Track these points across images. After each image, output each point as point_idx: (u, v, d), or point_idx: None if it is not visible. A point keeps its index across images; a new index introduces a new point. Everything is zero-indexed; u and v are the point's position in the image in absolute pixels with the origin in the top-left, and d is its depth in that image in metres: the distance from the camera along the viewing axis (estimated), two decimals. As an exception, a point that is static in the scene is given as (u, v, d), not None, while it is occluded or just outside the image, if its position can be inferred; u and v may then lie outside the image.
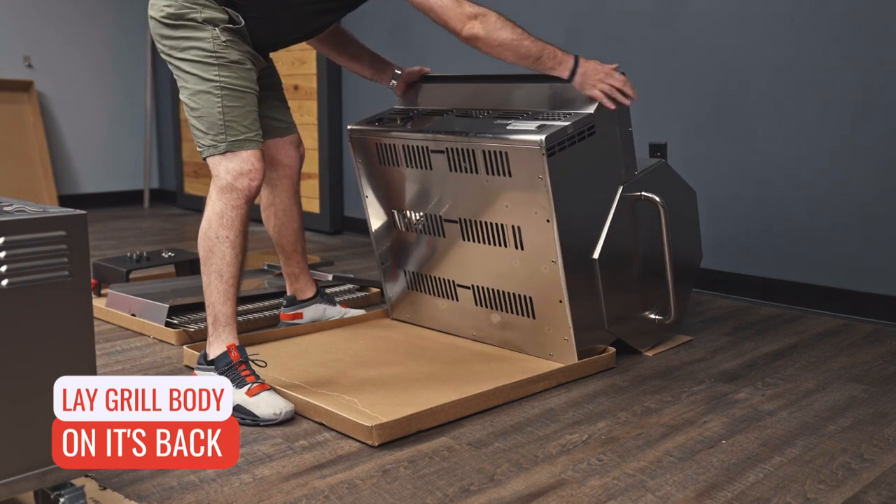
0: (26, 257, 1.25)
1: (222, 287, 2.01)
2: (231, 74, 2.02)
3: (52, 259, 1.28)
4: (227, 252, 2.01)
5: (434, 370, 2.23)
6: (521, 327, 2.32)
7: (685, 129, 3.15)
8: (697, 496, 1.58)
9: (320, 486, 1.61)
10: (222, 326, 2.03)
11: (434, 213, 2.41)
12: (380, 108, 4.07)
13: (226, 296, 2.02)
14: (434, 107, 2.52)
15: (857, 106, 2.76)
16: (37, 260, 1.26)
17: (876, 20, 2.70)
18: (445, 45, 3.94)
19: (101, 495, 1.55)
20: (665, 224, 2.29)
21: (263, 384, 1.97)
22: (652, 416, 1.96)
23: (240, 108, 2.02)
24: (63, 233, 1.29)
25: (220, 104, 2.00)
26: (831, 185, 2.84)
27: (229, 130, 2.00)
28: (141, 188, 5.64)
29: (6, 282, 1.24)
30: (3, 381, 1.25)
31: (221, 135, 2.00)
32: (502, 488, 1.61)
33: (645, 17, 3.21)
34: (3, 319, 1.24)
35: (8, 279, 1.24)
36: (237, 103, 2.02)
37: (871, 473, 1.67)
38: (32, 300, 1.27)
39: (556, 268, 2.16)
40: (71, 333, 1.31)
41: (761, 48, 2.95)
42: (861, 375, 2.24)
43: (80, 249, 1.30)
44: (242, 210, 2.01)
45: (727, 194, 3.07)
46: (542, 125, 2.13)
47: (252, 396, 1.92)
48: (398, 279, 2.62)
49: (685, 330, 2.63)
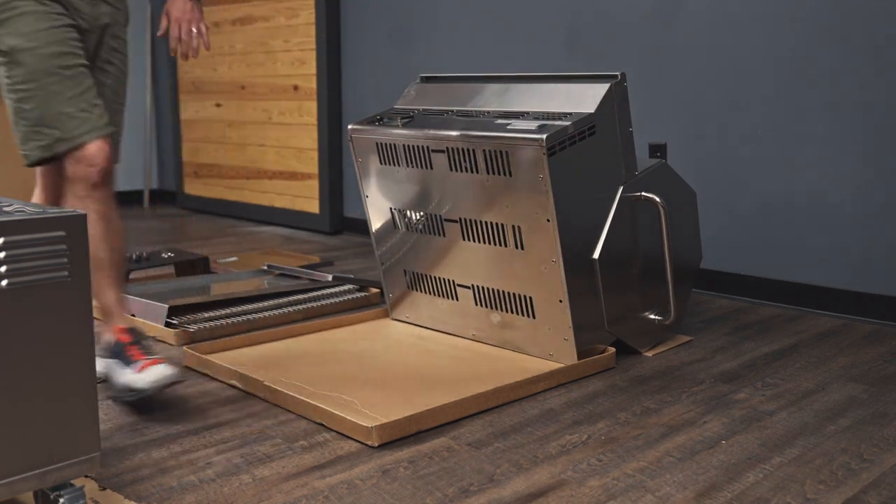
0: (26, 258, 1.25)
1: (96, 278, 1.97)
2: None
3: (52, 259, 1.28)
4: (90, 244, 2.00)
5: (434, 370, 2.23)
6: (521, 327, 2.32)
7: (685, 129, 3.15)
8: (697, 496, 1.58)
9: (320, 487, 1.61)
10: (107, 315, 2.03)
11: (434, 212, 2.41)
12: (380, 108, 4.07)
13: (100, 286, 2.00)
14: (435, 107, 2.52)
15: (857, 105, 2.76)
16: (37, 260, 1.26)
17: (876, 20, 2.69)
18: (445, 46, 3.95)
19: (101, 495, 1.55)
20: (665, 224, 2.30)
21: (156, 359, 1.93)
22: (652, 417, 1.96)
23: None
24: (63, 233, 1.29)
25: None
26: (831, 185, 2.84)
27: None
28: (141, 188, 5.64)
29: (6, 282, 1.23)
30: (3, 381, 1.25)
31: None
32: (502, 488, 1.61)
33: (645, 18, 3.21)
34: (3, 320, 1.24)
35: (7, 279, 1.24)
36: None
37: (871, 473, 1.67)
38: (32, 300, 1.27)
39: (556, 268, 2.16)
40: (71, 333, 1.31)
41: (761, 48, 2.95)
42: (861, 375, 2.24)
43: (80, 250, 1.30)
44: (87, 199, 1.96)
45: (727, 194, 3.07)
46: (542, 125, 2.14)
47: (140, 373, 1.89)
48: (398, 279, 2.62)
49: (685, 330, 2.63)
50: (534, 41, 3.55)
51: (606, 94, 2.20)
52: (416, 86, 2.67)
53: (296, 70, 4.57)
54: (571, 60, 3.43)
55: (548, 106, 2.27)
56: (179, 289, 2.83)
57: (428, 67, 3.95)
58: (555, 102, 2.27)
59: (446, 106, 2.50)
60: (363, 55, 4.30)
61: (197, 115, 5.27)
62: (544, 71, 3.45)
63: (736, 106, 3.03)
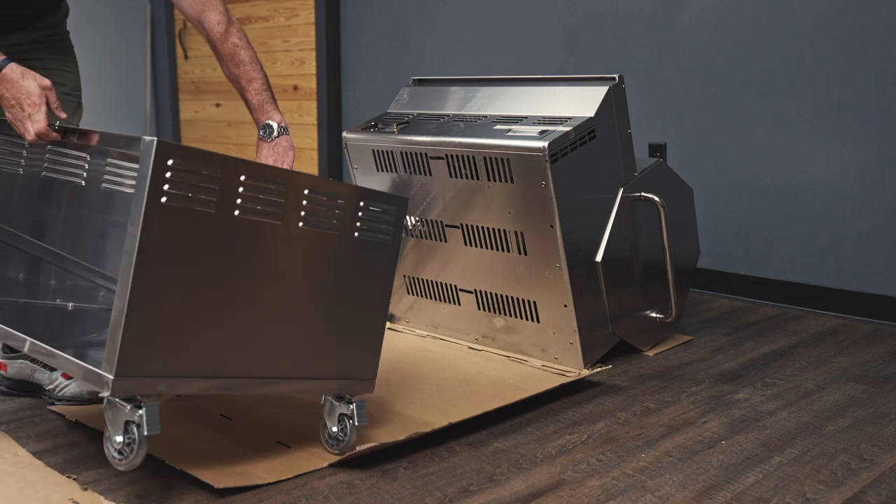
0: (372, 218, 1.64)
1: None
2: None
3: (384, 225, 1.66)
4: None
5: (435, 374, 2.23)
6: (524, 331, 2.32)
7: (685, 129, 3.15)
8: (697, 496, 1.58)
9: (320, 487, 1.61)
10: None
11: (434, 218, 2.41)
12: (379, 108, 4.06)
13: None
14: (430, 111, 2.51)
15: (857, 106, 2.76)
16: (377, 223, 1.65)
17: (877, 20, 2.70)
18: (445, 46, 3.95)
19: (83, 496, 1.55)
20: (665, 224, 2.30)
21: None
22: (652, 416, 1.96)
23: None
24: (394, 208, 1.67)
25: None
26: (831, 184, 2.84)
27: None
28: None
29: (357, 233, 1.61)
30: (333, 305, 1.60)
31: None
32: (502, 488, 1.61)
33: (645, 18, 3.22)
34: (348, 259, 1.61)
35: (358, 232, 1.62)
36: None
37: (871, 473, 1.67)
38: (366, 251, 1.64)
39: (560, 272, 2.16)
40: (379, 282, 1.67)
41: (761, 48, 2.95)
42: (861, 375, 2.24)
43: (398, 223, 1.69)
44: None
45: (727, 194, 3.08)
46: (543, 131, 2.13)
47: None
48: (398, 284, 2.62)
49: (685, 330, 2.63)
50: (534, 41, 3.55)
51: (605, 97, 2.20)
52: (408, 89, 2.65)
53: (295, 70, 4.58)
54: (571, 60, 3.43)
55: (546, 110, 2.26)
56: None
57: (428, 67, 3.95)
58: (553, 106, 2.26)
59: (441, 110, 2.48)
60: (363, 55, 4.30)
61: (197, 115, 5.27)
62: (545, 71, 3.45)
63: (736, 106, 3.03)
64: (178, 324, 1.38)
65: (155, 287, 1.34)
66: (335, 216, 1.57)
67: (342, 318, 1.62)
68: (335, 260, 1.59)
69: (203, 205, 1.37)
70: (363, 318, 1.65)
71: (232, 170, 1.40)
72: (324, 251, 1.56)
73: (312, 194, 1.52)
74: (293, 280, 1.52)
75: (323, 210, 1.54)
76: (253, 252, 1.46)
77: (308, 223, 1.53)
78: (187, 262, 1.37)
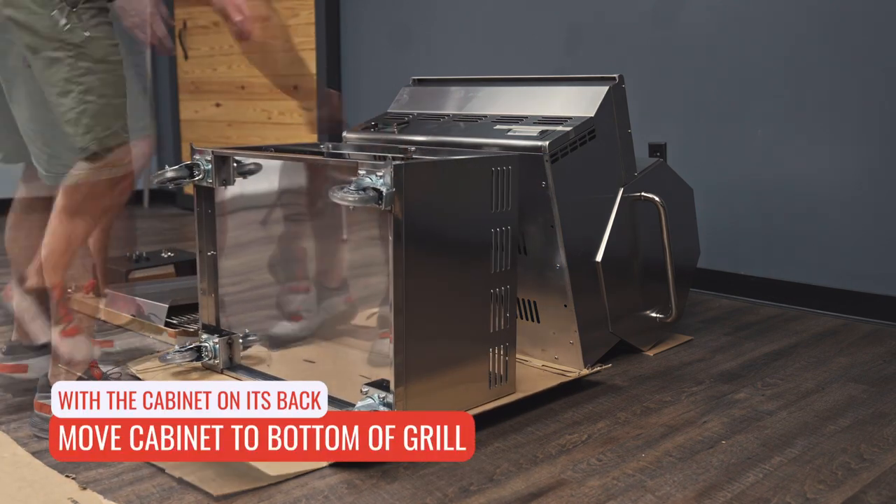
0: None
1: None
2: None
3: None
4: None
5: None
6: (525, 331, 2.31)
7: (685, 129, 3.15)
8: (697, 496, 1.58)
9: (320, 487, 1.61)
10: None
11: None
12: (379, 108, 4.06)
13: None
14: (429, 111, 2.50)
15: (857, 106, 2.76)
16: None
17: (876, 20, 2.70)
18: (445, 46, 3.95)
19: (82, 495, 1.55)
20: (665, 224, 2.30)
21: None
22: (652, 416, 1.96)
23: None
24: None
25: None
26: (831, 184, 2.84)
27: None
28: (141, 188, 5.64)
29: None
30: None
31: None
32: (502, 488, 1.61)
33: (645, 18, 3.21)
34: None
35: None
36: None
37: (871, 473, 1.67)
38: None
39: (560, 273, 2.16)
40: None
41: (761, 48, 2.95)
42: (861, 375, 2.24)
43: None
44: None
45: (727, 194, 3.08)
46: (543, 131, 2.13)
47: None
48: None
49: (685, 330, 2.63)
50: (534, 41, 3.55)
51: (605, 97, 2.19)
52: (408, 89, 2.65)
53: (295, 70, 4.57)
54: (572, 60, 3.43)
55: (546, 110, 2.26)
56: (179, 289, 2.83)
57: (428, 67, 3.95)
58: (553, 106, 2.26)
59: (441, 110, 2.48)
60: (363, 55, 4.30)
61: (197, 115, 5.27)
62: (545, 71, 3.44)
63: (736, 106, 3.03)
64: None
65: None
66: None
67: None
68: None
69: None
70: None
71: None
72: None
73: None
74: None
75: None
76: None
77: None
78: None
